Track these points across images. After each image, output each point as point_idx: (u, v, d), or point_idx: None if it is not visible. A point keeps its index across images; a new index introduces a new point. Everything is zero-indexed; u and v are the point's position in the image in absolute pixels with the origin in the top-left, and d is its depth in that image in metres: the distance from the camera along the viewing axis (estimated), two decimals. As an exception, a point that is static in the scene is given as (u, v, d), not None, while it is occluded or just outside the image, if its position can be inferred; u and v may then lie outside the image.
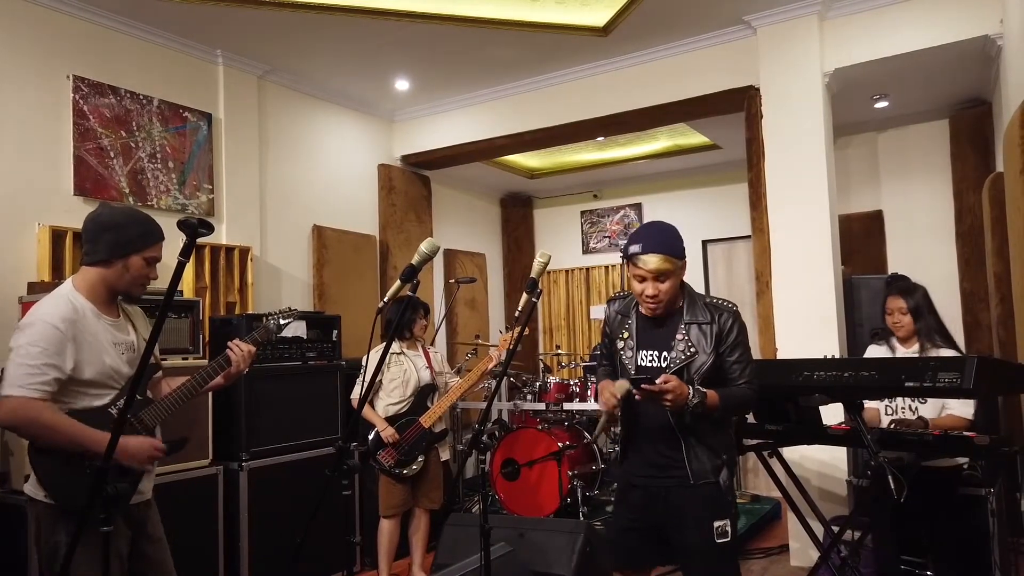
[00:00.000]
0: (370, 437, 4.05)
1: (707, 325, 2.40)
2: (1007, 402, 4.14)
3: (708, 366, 2.38)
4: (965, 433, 2.98)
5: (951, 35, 4.26)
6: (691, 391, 2.26)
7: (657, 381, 2.22)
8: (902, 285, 3.39)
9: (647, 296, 2.38)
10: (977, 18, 4.18)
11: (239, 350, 2.48)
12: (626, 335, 2.47)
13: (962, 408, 3.16)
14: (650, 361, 2.44)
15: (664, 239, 2.37)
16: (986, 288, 4.77)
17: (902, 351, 3.32)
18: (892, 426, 3.15)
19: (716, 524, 2.35)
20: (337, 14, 4.48)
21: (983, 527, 3.03)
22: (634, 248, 2.36)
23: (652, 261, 2.33)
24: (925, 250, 5.67)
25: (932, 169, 5.72)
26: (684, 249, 2.41)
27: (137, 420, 2.28)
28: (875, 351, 3.44)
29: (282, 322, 2.69)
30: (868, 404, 3.35)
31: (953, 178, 5.56)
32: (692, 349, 2.38)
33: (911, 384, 2.66)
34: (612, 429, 2.35)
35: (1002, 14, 4.06)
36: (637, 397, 2.27)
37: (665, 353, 2.42)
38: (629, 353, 2.47)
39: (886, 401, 3.34)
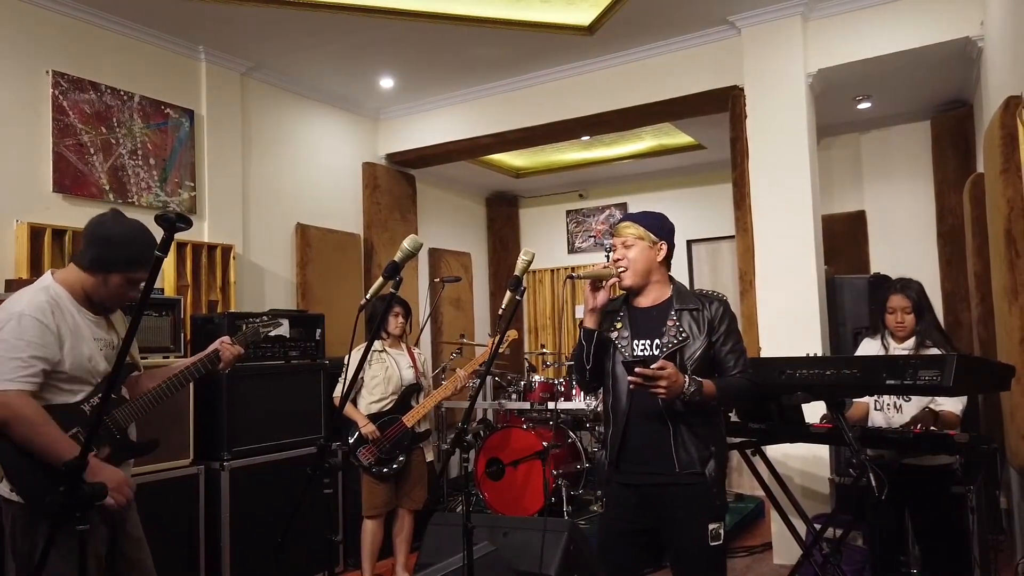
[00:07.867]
0: (351, 435, 4.03)
1: (697, 311, 2.42)
2: (986, 400, 4.18)
3: (700, 353, 2.36)
4: (946, 431, 3.00)
5: (933, 37, 4.30)
6: (687, 380, 2.23)
7: (652, 367, 2.20)
8: (903, 283, 3.34)
9: (614, 260, 2.48)
10: (958, 20, 4.22)
11: (230, 351, 2.47)
12: (619, 325, 2.48)
13: (954, 404, 3.16)
14: (642, 350, 2.43)
15: (642, 216, 2.53)
16: (967, 288, 4.81)
17: (895, 347, 3.31)
18: (919, 427, 3.04)
19: (711, 527, 2.33)
20: (321, 11, 4.45)
21: (963, 524, 3.05)
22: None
23: (620, 227, 2.51)
24: (907, 250, 5.71)
25: (914, 170, 5.77)
26: (665, 232, 2.50)
27: (110, 419, 2.25)
28: (869, 345, 3.43)
29: (261, 330, 2.68)
30: (857, 399, 3.37)
31: (935, 179, 5.60)
32: (684, 334, 2.38)
33: (892, 382, 2.68)
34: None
35: (983, 16, 4.10)
36: (632, 387, 2.26)
37: (657, 340, 2.41)
38: (624, 342, 2.46)
39: (875, 395, 3.34)
